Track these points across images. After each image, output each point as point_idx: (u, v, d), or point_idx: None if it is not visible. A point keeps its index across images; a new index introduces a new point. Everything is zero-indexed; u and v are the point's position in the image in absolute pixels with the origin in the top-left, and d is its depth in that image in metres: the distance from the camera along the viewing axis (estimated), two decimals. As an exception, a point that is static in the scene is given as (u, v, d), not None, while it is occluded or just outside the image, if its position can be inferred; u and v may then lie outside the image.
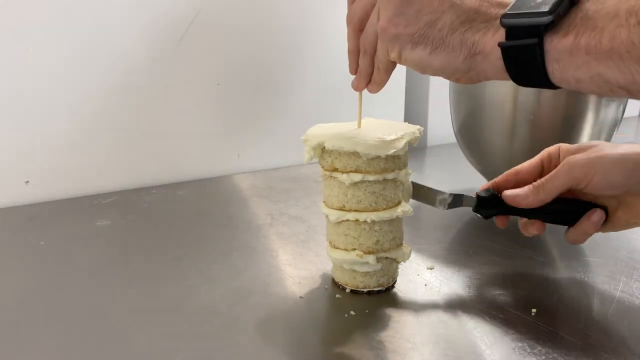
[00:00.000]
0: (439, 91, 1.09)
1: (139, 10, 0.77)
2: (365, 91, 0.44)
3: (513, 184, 0.49)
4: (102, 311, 0.45)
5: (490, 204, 0.48)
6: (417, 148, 1.15)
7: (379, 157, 0.43)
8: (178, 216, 0.70)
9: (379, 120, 0.50)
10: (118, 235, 0.63)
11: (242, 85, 0.89)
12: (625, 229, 0.47)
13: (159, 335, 0.41)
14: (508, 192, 0.47)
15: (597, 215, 0.46)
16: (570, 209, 0.47)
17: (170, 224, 0.66)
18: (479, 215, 0.49)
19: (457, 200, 0.49)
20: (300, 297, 0.47)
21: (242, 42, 0.87)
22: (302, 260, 0.54)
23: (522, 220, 0.49)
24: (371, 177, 0.43)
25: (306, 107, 0.96)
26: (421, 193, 0.50)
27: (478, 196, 0.48)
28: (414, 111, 1.16)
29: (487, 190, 0.49)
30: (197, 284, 0.49)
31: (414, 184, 0.49)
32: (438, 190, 0.50)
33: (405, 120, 1.11)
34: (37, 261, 0.55)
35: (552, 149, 0.49)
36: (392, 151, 0.42)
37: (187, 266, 0.53)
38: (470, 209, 0.49)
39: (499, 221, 0.49)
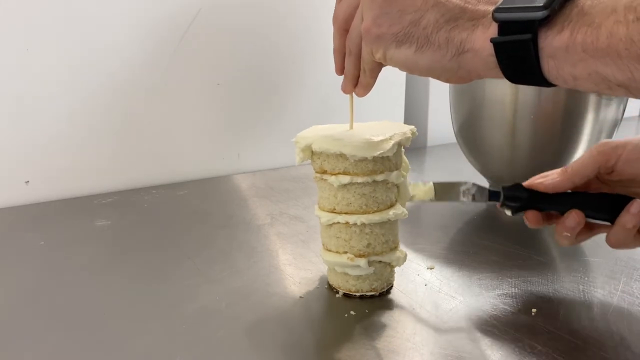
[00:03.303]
0: (439, 91, 1.09)
1: (138, 10, 0.77)
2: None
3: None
4: (101, 311, 0.45)
5: (516, 196, 0.44)
6: (417, 148, 1.15)
7: (366, 158, 0.42)
8: (178, 216, 0.70)
9: (376, 122, 0.50)
10: (118, 235, 0.63)
11: (243, 85, 0.89)
12: None
13: (158, 335, 0.41)
14: (536, 180, 0.44)
15: (635, 206, 0.41)
16: (605, 200, 0.43)
17: (170, 224, 0.66)
18: (506, 211, 0.45)
19: (480, 192, 0.46)
20: (300, 297, 0.47)
21: (242, 42, 0.87)
22: (302, 260, 0.54)
23: (556, 225, 0.44)
24: (360, 179, 0.42)
25: (306, 107, 0.96)
26: (443, 190, 0.47)
27: (503, 188, 0.45)
28: (414, 111, 1.16)
29: (513, 184, 0.45)
30: (197, 284, 0.49)
31: (435, 184, 0.47)
32: (459, 182, 0.47)
33: (405, 120, 1.11)
34: (37, 261, 0.55)
35: None
36: (379, 152, 0.41)
37: (187, 266, 0.53)
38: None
39: (530, 218, 0.45)
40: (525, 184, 0.45)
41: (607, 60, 0.29)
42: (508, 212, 0.45)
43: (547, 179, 0.44)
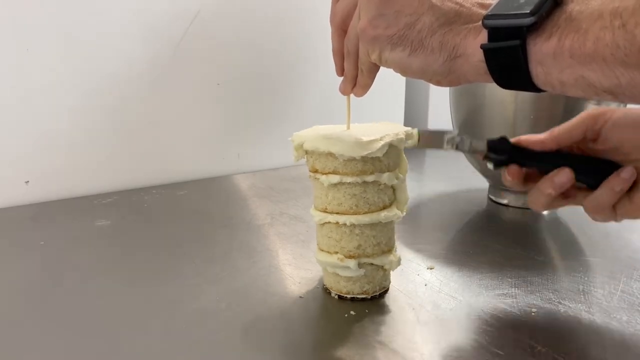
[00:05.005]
0: (439, 91, 1.09)
1: (139, 11, 0.77)
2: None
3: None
4: (101, 311, 0.45)
5: (501, 150, 0.43)
6: (416, 148, 1.15)
7: (354, 158, 0.41)
8: (178, 216, 0.70)
9: (375, 123, 0.50)
10: (118, 235, 0.63)
11: (242, 85, 0.89)
12: None
13: (158, 335, 0.41)
14: (522, 137, 0.43)
15: (627, 171, 0.39)
16: (592, 164, 0.41)
17: (170, 224, 0.66)
18: (489, 164, 0.44)
19: (464, 142, 0.45)
20: (300, 296, 0.47)
21: (242, 42, 0.87)
22: (302, 260, 0.54)
23: (541, 182, 0.42)
24: (349, 179, 0.42)
25: (306, 107, 0.96)
26: (427, 137, 0.46)
27: (488, 141, 0.43)
28: (414, 111, 1.16)
29: (499, 137, 0.44)
30: (197, 284, 0.49)
31: (420, 131, 0.46)
32: (445, 131, 0.46)
33: (405, 120, 1.11)
34: (37, 261, 0.55)
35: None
36: (367, 152, 0.41)
37: (187, 266, 0.53)
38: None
39: (510, 172, 0.43)
40: (511, 139, 0.44)
41: (594, 65, 0.29)
42: (490, 165, 0.44)
43: (533, 137, 0.42)
